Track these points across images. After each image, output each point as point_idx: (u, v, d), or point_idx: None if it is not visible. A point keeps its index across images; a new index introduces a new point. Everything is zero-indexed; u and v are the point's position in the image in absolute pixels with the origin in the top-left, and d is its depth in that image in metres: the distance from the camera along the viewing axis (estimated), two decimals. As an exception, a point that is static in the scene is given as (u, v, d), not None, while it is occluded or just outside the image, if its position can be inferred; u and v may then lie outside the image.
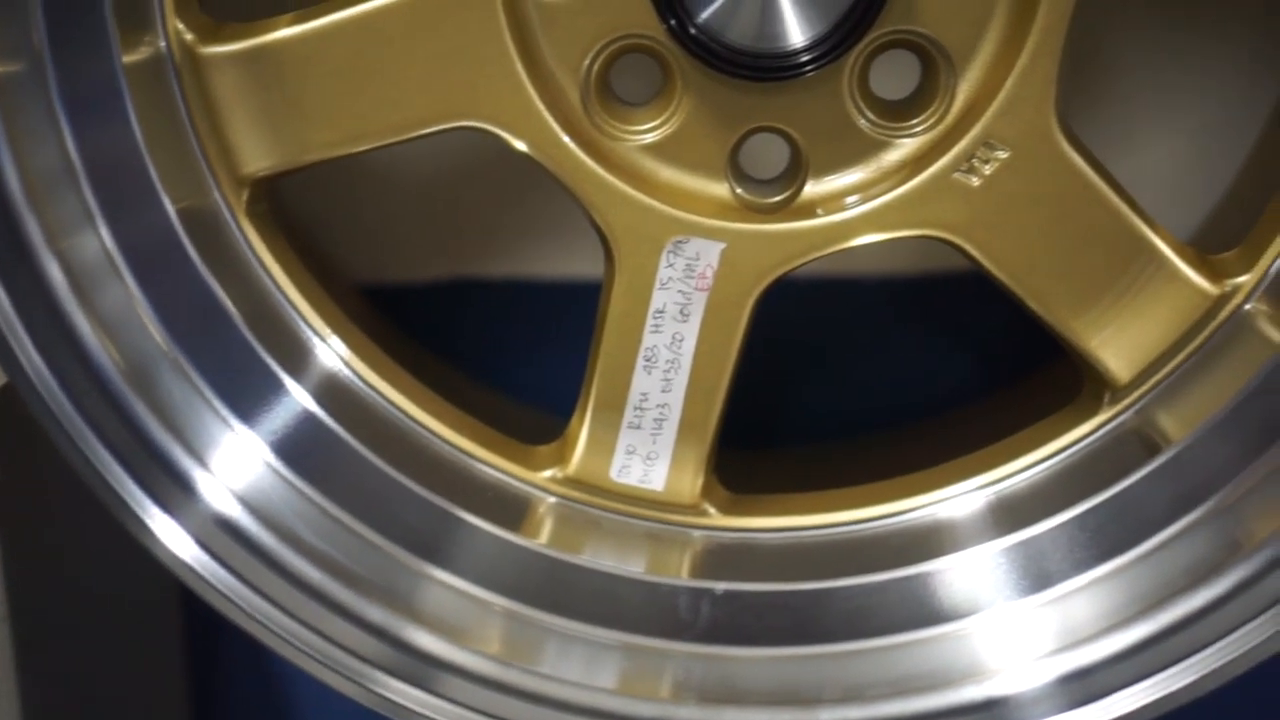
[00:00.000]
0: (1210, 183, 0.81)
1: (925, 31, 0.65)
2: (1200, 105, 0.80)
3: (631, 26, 0.65)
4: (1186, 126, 0.81)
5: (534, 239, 0.85)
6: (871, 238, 0.67)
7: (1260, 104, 0.80)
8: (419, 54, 0.66)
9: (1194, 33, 0.79)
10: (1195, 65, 0.80)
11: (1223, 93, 0.80)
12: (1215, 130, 0.81)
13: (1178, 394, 0.69)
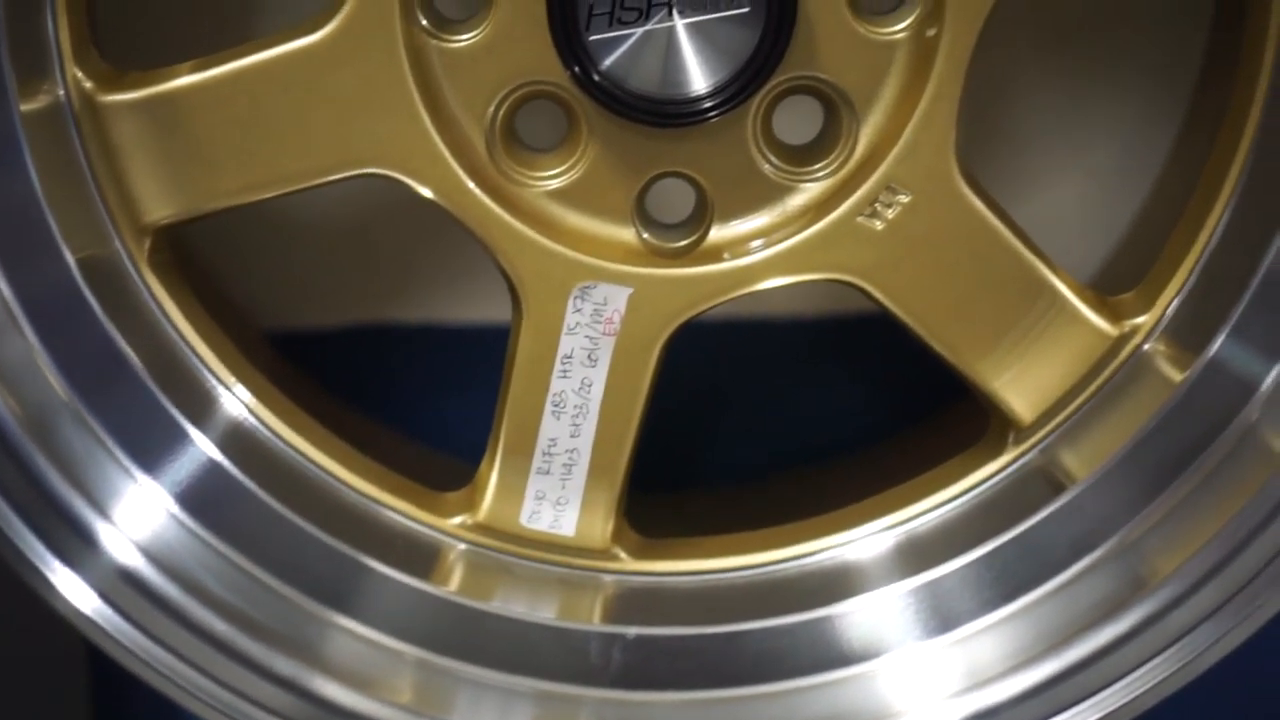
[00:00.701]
0: (1109, 225, 0.83)
1: (827, 77, 0.66)
2: (1098, 148, 0.82)
3: (536, 73, 0.66)
4: (1085, 169, 0.82)
5: (444, 283, 0.85)
6: (777, 281, 0.68)
7: (1157, 147, 0.81)
8: (322, 101, 0.66)
9: (1091, 77, 0.81)
10: (1093, 109, 0.81)
11: (1120, 136, 0.82)
12: (1113, 173, 0.82)
13: (1081, 433, 0.70)
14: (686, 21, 0.64)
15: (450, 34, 0.66)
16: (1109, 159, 0.81)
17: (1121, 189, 0.83)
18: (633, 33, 0.64)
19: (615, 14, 0.64)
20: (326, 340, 0.85)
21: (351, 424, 0.79)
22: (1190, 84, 0.80)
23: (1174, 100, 0.81)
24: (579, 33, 0.64)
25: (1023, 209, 0.73)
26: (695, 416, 0.87)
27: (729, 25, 0.64)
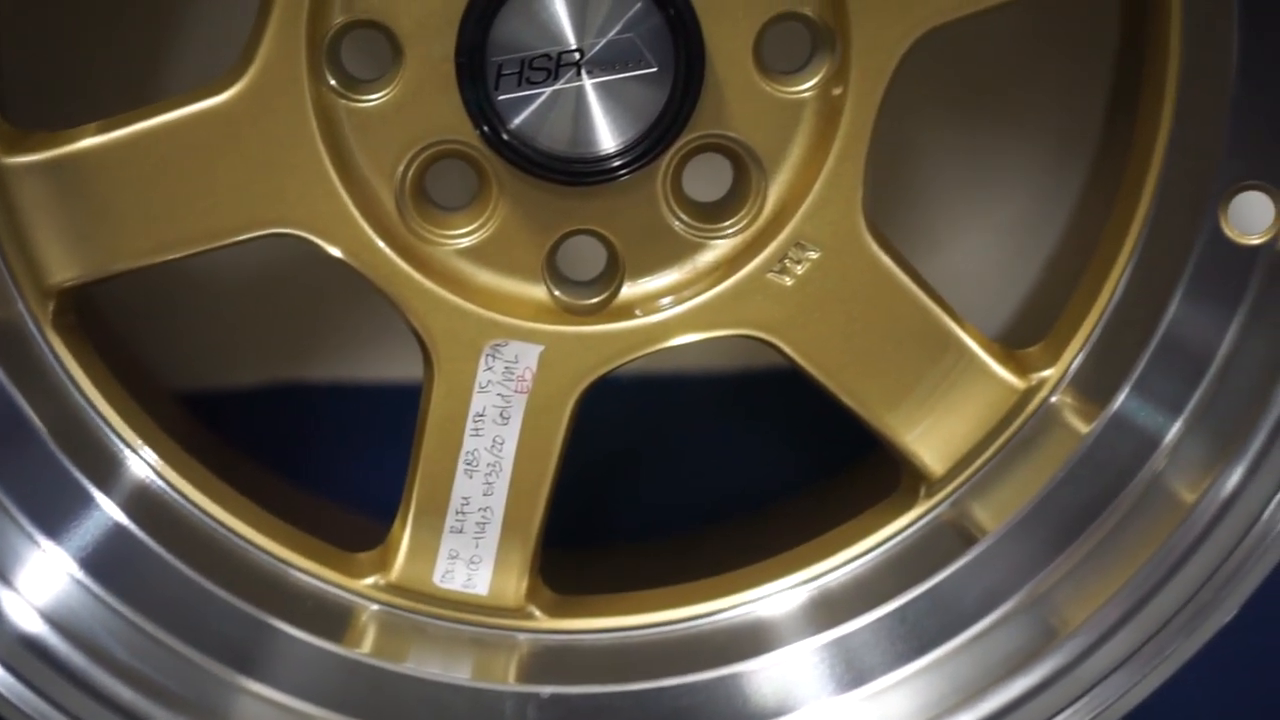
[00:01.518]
0: (1015, 280, 0.84)
1: (735, 136, 0.67)
2: (1004, 204, 0.83)
3: (445, 132, 0.66)
4: (991, 225, 0.83)
5: (355, 341, 0.84)
6: (688, 338, 0.68)
7: (1061, 203, 0.83)
8: (230, 162, 0.65)
9: (996, 134, 0.82)
10: (998, 166, 0.82)
11: (1025, 192, 0.83)
12: (1019, 228, 0.83)
13: (991, 485, 0.70)
14: (595, 81, 0.64)
15: (359, 94, 0.66)
16: (1014, 215, 0.83)
17: (1027, 244, 0.84)
18: (542, 92, 0.64)
19: (524, 74, 0.65)
20: (237, 400, 0.85)
21: (262, 484, 0.79)
22: (1094, 141, 0.82)
23: (1078, 156, 0.82)
24: (488, 92, 0.64)
25: (930, 264, 0.74)
26: (609, 472, 0.87)
27: (637, 85, 0.64)
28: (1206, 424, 0.67)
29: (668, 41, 0.64)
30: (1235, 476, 0.65)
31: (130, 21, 0.80)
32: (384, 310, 0.68)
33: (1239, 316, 0.66)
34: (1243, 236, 0.65)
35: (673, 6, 0.63)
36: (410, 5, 0.65)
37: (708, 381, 0.85)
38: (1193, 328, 0.66)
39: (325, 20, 0.65)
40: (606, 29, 0.64)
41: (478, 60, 0.64)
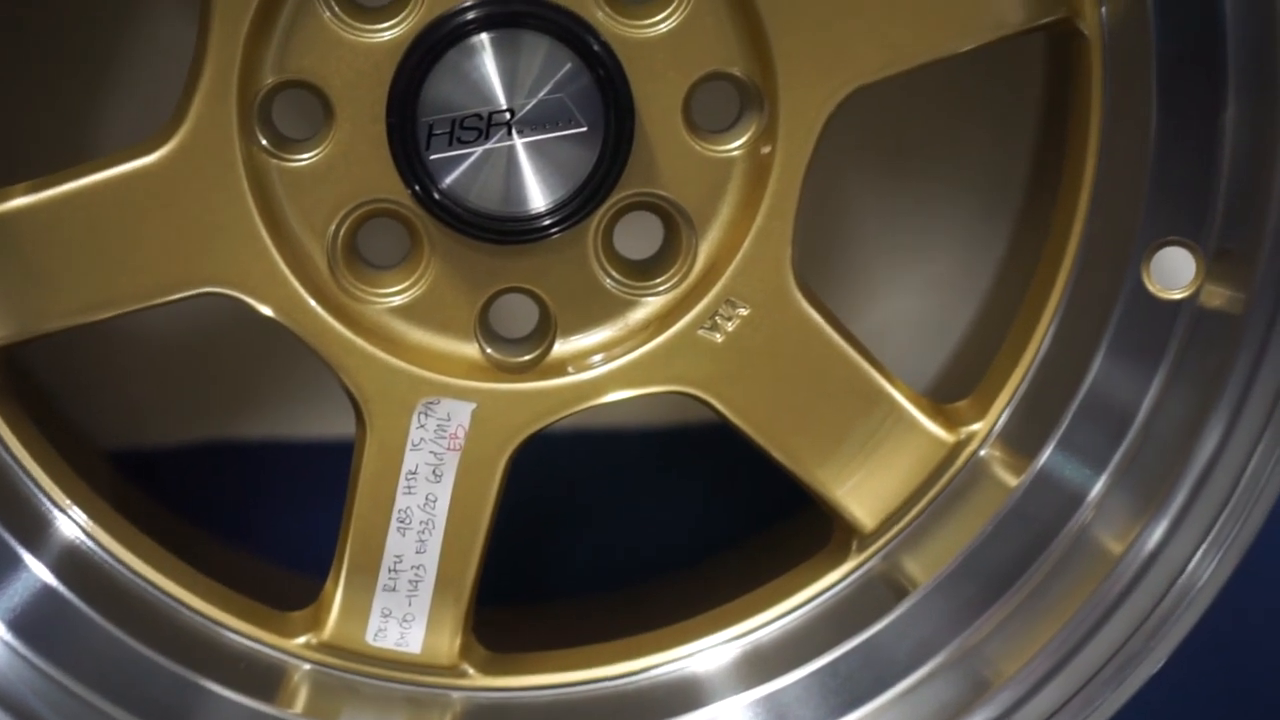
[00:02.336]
0: (943, 334, 0.85)
1: (665, 194, 0.67)
2: (932, 260, 0.84)
3: (377, 191, 0.66)
4: (919, 282, 0.84)
5: (287, 399, 0.84)
6: (621, 394, 0.69)
7: (988, 259, 0.84)
8: (160, 222, 0.65)
9: (924, 191, 0.83)
10: (926, 222, 0.83)
11: (952, 249, 0.84)
12: (946, 284, 0.84)
13: (922, 538, 0.71)
14: (526, 140, 0.65)
15: (291, 153, 0.66)
16: (942, 271, 0.84)
17: (954, 300, 0.85)
18: (473, 152, 0.65)
19: (455, 133, 0.65)
20: (169, 458, 0.84)
21: (194, 543, 0.79)
22: (1019, 198, 0.83)
23: (1003, 213, 0.83)
24: (419, 152, 0.65)
25: (859, 320, 0.75)
26: (543, 528, 0.87)
27: (568, 144, 0.65)
28: (1130, 479, 0.67)
29: (598, 101, 0.64)
30: (1159, 530, 0.66)
31: (60, 81, 0.80)
32: (316, 367, 0.68)
33: (1161, 372, 0.66)
34: (1165, 292, 0.66)
35: (602, 67, 0.64)
36: (341, 66, 0.65)
37: (641, 436, 0.86)
38: (1116, 383, 0.67)
39: (256, 81, 0.65)
40: (537, 89, 0.64)
41: (409, 120, 0.64)
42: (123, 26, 0.78)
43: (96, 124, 0.80)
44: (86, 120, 0.80)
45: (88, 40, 0.79)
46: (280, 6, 0.65)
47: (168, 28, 0.77)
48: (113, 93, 0.80)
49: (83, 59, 0.79)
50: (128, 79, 0.79)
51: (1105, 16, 0.65)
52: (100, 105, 0.80)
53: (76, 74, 0.79)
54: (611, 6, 0.65)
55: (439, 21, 0.64)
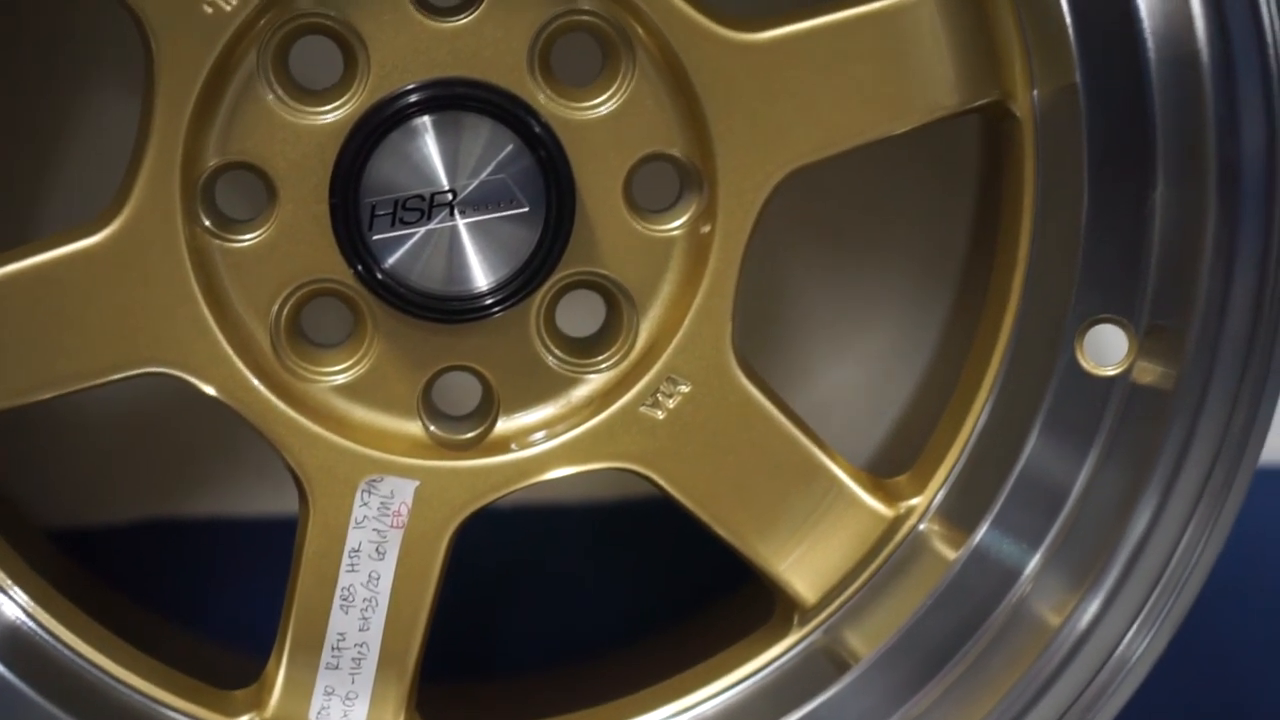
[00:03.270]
0: (882, 410, 0.86)
1: (607, 273, 0.68)
2: (870, 337, 0.85)
3: (320, 271, 0.67)
4: (858, 357, 0.85)
5: (230, 476, 0.84)
6: (564, 471, 0.69)
7: (925, 335, 0.85)
8: (103, 303, 0.66)
9: (862, 268, 0.84)
10: (864, 299, 0.84)
11: (890, 325, 0.85)
12: (885, 359, 0.85)
13: (863, 612, 0.71)
14: (468, 221, 0.65)
15: (234, 234, 0.67)
16: (880, 347, 0.85)
17: (893, 375, 0.86)
18: (415, 232, 0.65)
19: (398, 214, 0.66)
20: (111, 536, 0.84)
21: (137, 622, 0.78)
22: (956, 274, 0.84)
23: (940, 289, 0.85)
24: (362, 232, 0.65)
25: (799, 395, 0.75)
26: (487, 604, 0.87)
27: (510, 224, 0.65)
28: (1065, 556, 0.68)
29: (539, 182, 0.65)
30: (1094, 607, 0.67)
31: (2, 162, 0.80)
32: (260, 444, 0.68)
33: (1095, 449, 0.67)
34: (1098, 368, 0.67)
35: (544, 148, 0.65)
36: (285, 147, 0.65)
37: (585, 511, 0.86)
38: (1051, 460, 0.68)
39: (200, 163, 0.65)
40: (479, 170, 0.65)
41: (352, 201, 0.65)
42: (66, 108, 0.79)
43: (39, 205, 0.80)
44: (29, 201, 0.80)
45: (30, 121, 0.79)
46: (224, 89, 0.65)
47: (110, 110, 0.78)
48: (56, 174, 0.80)
49: (26, 140, 0.79)
50: (70, 160, 0.79)
51: (1037, 99, 0.66)
52: (43, 186, 0.80)
53: (19, 154, 0.79)
54: (553, 88, 0.66)
55: (382, 104, 0.65)
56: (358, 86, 0.65)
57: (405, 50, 0.65)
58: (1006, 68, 0.66)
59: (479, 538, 0.71)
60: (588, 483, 0.83)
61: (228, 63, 0.65)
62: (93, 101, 0.79)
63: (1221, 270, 0.65)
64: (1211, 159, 0.64)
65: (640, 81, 0.66)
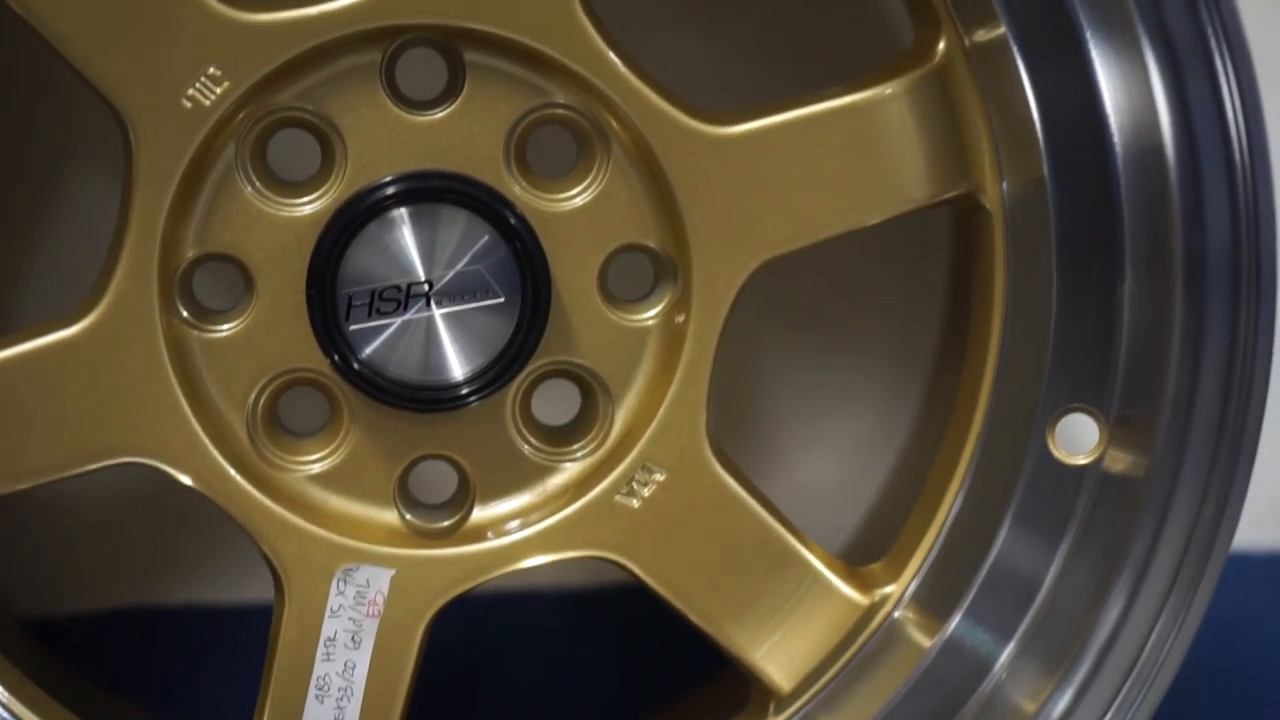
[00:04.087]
0: (857, 497, 0.86)
1: (582, 362, 0.68)
2: (844, 423, 0.85)
3: (296, 361, 0.67)
4: (832, 445, 0.85)
5: (206, 564, 0.84)
6: (540, 559, 0.69)
7: (899, 423, 0.85)
8: (80, 394, 0.66)
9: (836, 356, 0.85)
10: (838, 387, 0.85)
11: (864, 413, 0.85)
12: (858, 448, 0.85)
13: (839, 700, 0.71)
14: (444, 311, 0.66)
15: (211, 324, 0.67)
16: (854, 434, 0.85)
17: (867, 463, 0.86)
18: (392, 322, 0.66)
19: (374, 304, 0.66)
20: (86, 625, 0.84)
21: (113, 711, 0.78)
22: (929, 363, 0.85)
23: (914, 377, 0.85)
24: (339, 323, 0.65)
25: (773, 482, 0.75)
26: (463, 691, 0.87)
27: (485, 314, 0.66)
28: (1037, 646, 0.68)
29: (515, 273, 0.65)
30: (1066, 698, 0.67)
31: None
32: (235, 533, 0.68)
33: (1067, 539, 0.67)
34: (1069, 457, 0.68)
35: (519, 240, 0.65)
36: (262, 239, 0.66)
37: (560, 598, 0.86)
38: (1023, 550, 0.68)
39: (178, 254, 0.66)
40: (455, 261, 0.65)
41: (328, 292, 0.65)
42: (43, 198, 0.79)
43: (15, 296, 0.80)
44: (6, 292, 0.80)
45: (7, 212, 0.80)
46: (202, 182, 0.66)
47: (88, 201, 0.78)
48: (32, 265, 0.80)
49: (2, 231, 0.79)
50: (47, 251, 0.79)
51: (1006, 191, 0.67)
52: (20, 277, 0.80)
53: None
54: (528, 180, 0.67)
55: (359, 196, 0.65)
56: (335, 178, 0.66)
57: (382, 143, 0.66)
58: (976, 161, 0.67)
59: (454, 625, 0.71)
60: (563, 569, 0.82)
61: (206, 155, 0.65)
62: (70, 191, 0.79)
63: (1190, 360, 0.66)
64: (1178, 251, 0.65)
65: (615, 173, 0.67)
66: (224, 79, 0.64)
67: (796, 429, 0.84)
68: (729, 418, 0.77)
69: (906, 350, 0.83)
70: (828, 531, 0.81)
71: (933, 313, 0.83)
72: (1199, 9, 0.64)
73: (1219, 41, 0.64)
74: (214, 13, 0.63)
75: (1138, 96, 0.65)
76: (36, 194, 0.79)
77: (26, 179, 0.79)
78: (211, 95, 0.64)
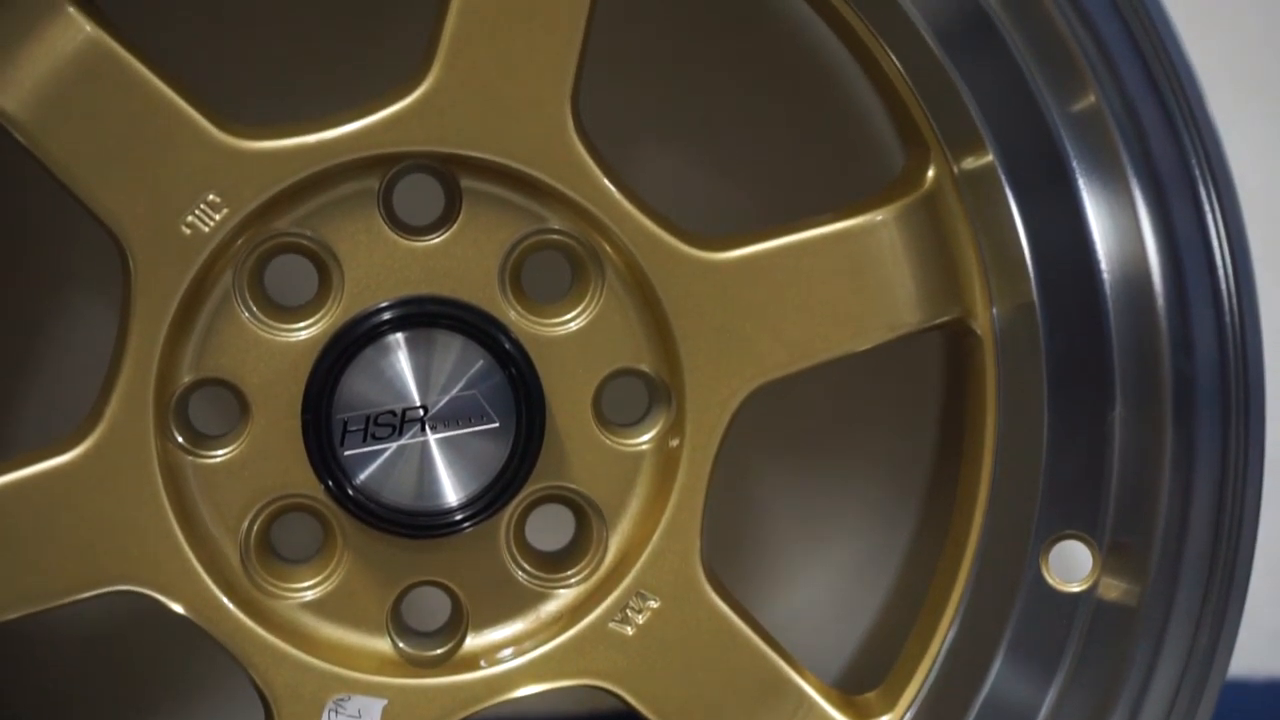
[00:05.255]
0: (851, 625, 0.85)
1: (576, 487, 0.68)
2: (838, 550, 0.85)
3: (291, 486, 0.67)
4: (826, 572, 0.85)
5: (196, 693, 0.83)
6: (533, 688, 0.69)
7: (894, 548, 0.85)
8: (73, 520, 0.65)
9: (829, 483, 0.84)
10: (832, 514, 0.85)
11: (858, 540, 0.85)
12: (853, 574, 0.85)
13: (835, 824, 0.71)
14: (439, 436, 0.66)
15: (206, 450, 0.67)
16: (848, 562, 0.85)
17: (861, 591, 0.85)
18: (387, 448, 0.66)
19: (369, 429, 0.66)
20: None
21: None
22: (923, 490, 0.85)
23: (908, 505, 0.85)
24: (334, 448, 0.66)
25: (768, 609, 0.75)
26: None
27: (480, 439, 0.66)
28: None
29: (509, 398, 0.66)
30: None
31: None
32: (225, 660, 0.68)
33: (1063, 668, 0.67)
34: (1063, 584, 0.67)
35: (514, 365, 0.66)
36: (259, 364, 0.66)
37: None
38: (1018, 678, 0.67)
39: (174, 380, 0.66)
40: (450, 386, 0.66)
41: (324, 417, 0.65)
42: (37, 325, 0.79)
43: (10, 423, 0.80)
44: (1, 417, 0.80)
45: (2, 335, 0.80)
46: (200, 307, 0.66)
47: (82, 327, 0.79)
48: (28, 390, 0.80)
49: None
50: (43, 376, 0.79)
51: (996, 318, 0.67)
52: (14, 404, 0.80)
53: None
54: (523, 305, 0.67)
55: (355, 321, 0.66)
56: (331, 303, 0.66)
57: (379, 268, 0.66)
58: (966, 286, 0.68)
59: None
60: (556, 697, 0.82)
61: (204, 281, 0.66)
62: (64, 318, 0.80)
63: (1181, 487, 0.66)
64: (1167, 377, 0.66)
65: (609, 298, 0.68)
66: (223, 205, 0.65)
67: (791, 554, 0.84)
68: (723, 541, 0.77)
69: (900, 473, 0.83)
70: (823, 656, 0.80)
71: (926, 436, 0.83)
72: (1183, 139, 0.65)
73: (1203, 171, 0.65)
74: (215, 140, 0.64)
75: (1124, 224, 0.66)
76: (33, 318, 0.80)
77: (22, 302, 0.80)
78: (211, 222, 0.65)
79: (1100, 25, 0.64)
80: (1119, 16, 0.64)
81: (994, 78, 0.65)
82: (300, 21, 0.77)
